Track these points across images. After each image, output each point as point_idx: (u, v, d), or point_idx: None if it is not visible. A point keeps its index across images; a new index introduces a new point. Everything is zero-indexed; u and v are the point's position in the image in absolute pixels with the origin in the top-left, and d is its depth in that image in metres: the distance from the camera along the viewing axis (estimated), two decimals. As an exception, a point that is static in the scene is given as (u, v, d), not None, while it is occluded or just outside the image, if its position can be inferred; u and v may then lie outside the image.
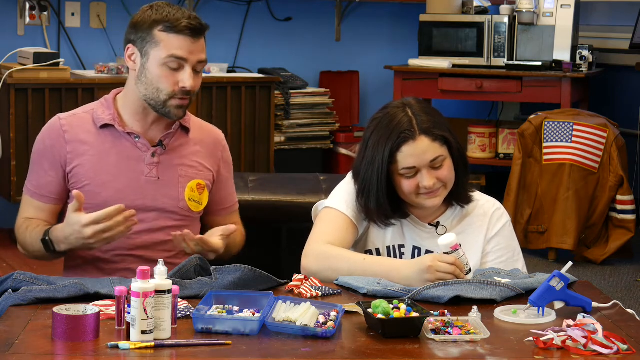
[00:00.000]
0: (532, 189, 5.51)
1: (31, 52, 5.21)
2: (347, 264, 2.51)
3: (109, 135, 2.66)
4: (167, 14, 2.60)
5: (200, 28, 2.62)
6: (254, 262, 2.47)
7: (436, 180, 2.54)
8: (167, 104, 2.61)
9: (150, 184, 2.66)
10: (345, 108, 6.47)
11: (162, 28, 2.59)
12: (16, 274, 2.35)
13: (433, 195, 2.56)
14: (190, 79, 2.59)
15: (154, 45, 2.59)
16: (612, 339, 2.04)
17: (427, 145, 2.52)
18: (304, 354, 1.98)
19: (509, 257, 2.67)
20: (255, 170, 5.78)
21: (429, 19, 6.24)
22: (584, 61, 5.97)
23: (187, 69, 2.59)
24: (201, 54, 2.62)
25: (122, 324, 2.07)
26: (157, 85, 2.60)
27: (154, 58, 2.59)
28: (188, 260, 2.45)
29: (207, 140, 2.77)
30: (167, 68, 2.59)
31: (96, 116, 2.68)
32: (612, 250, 5.46)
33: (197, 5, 6.11)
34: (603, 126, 5.42)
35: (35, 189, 2.68)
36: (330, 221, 2.62)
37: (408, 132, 2.51)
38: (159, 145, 2.68)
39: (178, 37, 2.58)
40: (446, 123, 2.59)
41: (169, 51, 2.57)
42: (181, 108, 2.63)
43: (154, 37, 2.59)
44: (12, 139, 5.12)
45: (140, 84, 2.63)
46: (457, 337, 2.07)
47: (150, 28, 2.60)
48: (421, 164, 2.52)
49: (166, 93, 2.60)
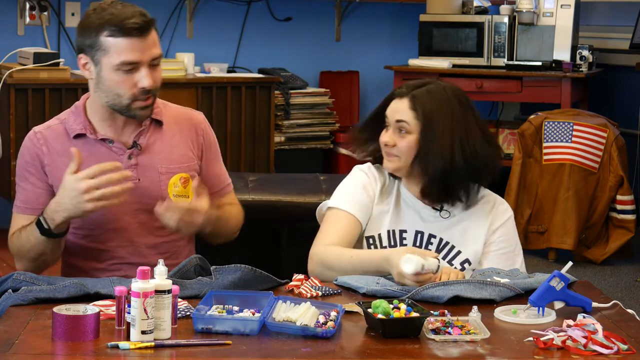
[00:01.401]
0: (532, 189, 5.51)
1: (31, 52, 5.21)
2: (338, 261, 2.55)
3: (84, 144, 2.61)
4: (110, 16, 2.52)
5: (146, 24, 2.53)
6: (254, 262, 2.47)
7: (392, 143, 2.61)
8: (130, 107, 2.56)
9: (132, 187, 2.59)
10: (345, 108, 6.47)
11: (107, 33, 2.51)
12: (16, 274, 2.35)
13: (387, 158, 2.65)
14: (148, 77, 2.53)
15: (104, 52, 2.52)
16: (612, 339, 2.04)
17: (403, 107, 2.62)
18: (304, 354, 1.98)
19: (510, 250, 2.68)
20: (255, 170, 5.78)
21: (429, 19, 6.24)
22: (584, 61, 5.97)
23: (142, 69, 2.53)
24: (153, 49, 2.55)
25: (122, 324, 2.07)
26: (116, 91, 2.55)
27: (106, 65, 2.53)
28: (188, 260, 2.45)
29: (184, 128, 2.71)
30: (122, 72, 2.53)
31: (68, 126, 2.64)
32: (612, 250, 5.46)
33: (197, 6, 6.11)
34: (603, 126, 5.42)
35: (25, 204, 2.64)
36: (333, 222, 2.65)
37: (403, 90, 2.65)
38: (133, 146, 2.63)
39: (125, 40, 2.51)
40: (444, 116, 2.58)
41: (120, 57, 2.51)
42: (146, 108, 2.58)
43: (102, 44, 2.52)
44: (12, 139, 5.12)
45: (100, 91, 2.58)
46: (457, 337, 2.07)
47: (96, 35, 2.52)
48: (391, 119, 2.64)
49: (127, 97, 2.55)
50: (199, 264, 2.45)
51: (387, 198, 2.68)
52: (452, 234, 2.66)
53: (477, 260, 2.65)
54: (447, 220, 2.66)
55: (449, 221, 2.66)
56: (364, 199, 2.67)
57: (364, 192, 2.67)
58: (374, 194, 2.68)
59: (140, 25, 2.51)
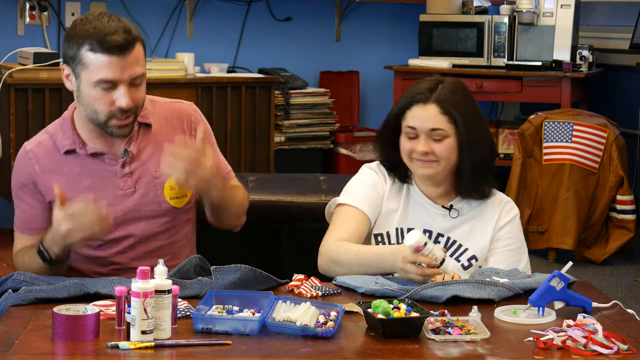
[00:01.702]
0: (532, 189, 5.51)
1: (31, 52, 5.21)
2: (346, 256, 2.55)
3: (76, 159, 2.58)
4: (93, 30, 2.44)
5: (127, 43, 2.44)
6: (254, 262, 2.47)
7: (430, 151, 2.57)
8: (107, 124, 2.51)
9: (128, 196, 2.59)
10: (345, 108, 6.47)
11: (88, 47, 2.44)
12: (16, 274, 2.35)
13: (424, 165, 2.60)
14: (125, 97, 2.46)
15: (83, 67, 2.46)
16: (612, 339, 2.04)
17: (433, 114, 2.57)
18: (304, 354, 1.98)
19: (517, 247, 2.69)
20: (255, 170, 5.78)
21: (429, 19, 6.24)
22: (584, 61, 5.97)
23: (120, 88, 2.46)
24: (135, 68, 2.47)
25: (122, 324, 2.07)
26: (94, 107, 2.49)
27: (85, 80, 2.47)
28: (188, 260, 2.45)
29: (175, 123, 2.67)
30: (100, 89, 2.46)
31: (58, 142, 2.59)
32: (612, 250, 5.46)
33: (197, 6, 6.11)
34: (603, 126, 5.42)
35: (24, 224, 2.62)
36: (342, 218, 2.66)
37: (422, 95, 2.59)
38: (125, 155, 2.59)
39: (105, 57, 2.43)
40: (470, 108, 2.62)
41: (98, 74, 2.44)
42: (124, 127, 2.52)
43: (82, 58, 2.45)
44: (12, 139, 5.12)
45: (79, 105, 2.54)
46: (457, 337, 2.07)
47: (78, 47, 2.45)
48: (421, 128, 2.58)
49: (104, 114, 2.49)
50: (199, 264, 2.45)
51: (396, 197, 2.69)
52: (459, 232, 2.66)
53: (483, 257, 2.66)
54: (456, 219, 2.67)
55: (457, 220, 2.67)
56: (374, 196, 2.67)
57: (374, 189, 2.68)
58: (383, 191, 2.68)
59: (121, 44, 2.43)
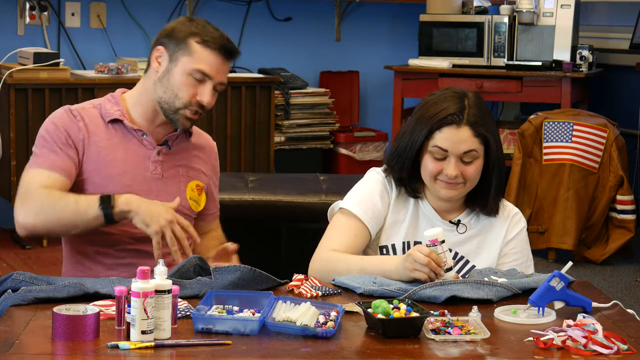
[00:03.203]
0: (532, 189, 5.51)
1: (31, 52, 5.22)
2: (345, 264, 2.53)
3: (117, 130, 2.69)
4: (207, 30, 2.65)
5: (233, 51, 2.68)
6: (254, 262, 2.47)
7: (459, 174, 2.55)
8: (179, 112, 2.65)
9: (155, 180, 2.69)
10: (345, 108, 6.47)
11: (199, 40, 2.63)
12: (15, 274, 2.34)
13: (450, 187, 2.57)
14: (210, 95, 2.64)
15: (186, 53, 2.63)
16: (612, 339, 2.04)
17: (467, 137, 2.54)
18: (304, 354, 1.98)
19: (523, 261, 2.69)
20: (255, 170, 5.78)
21: (429, 19, 6.24)
22: (584, 61, 5.97)
23: (208, 85, 2.64)
24: (225, 76, 2.69)
25: (122, 324, 2.07)
26: (177, 91, 2.64)
27: (182, 65, 2.63)
28: (187, 260, 2.45)
29: (205, 148, 2.82)
30: (192, 78, 2.63)
31: (104, 111, 2.70)
32: (612, 250, 5.46)
33: (197, 5, 6.12)
34: (603, 126, 5.42)
35: (47, 164, 2.60)
36: (341, 226, 2.63)
37: (455, 117, 2.53)
38: (164, 144, 2.71)
39: (211, 53, 2.63)
40: (494, 127, 2.61)
41: (199, 64, 2.62)
42: (190, 121, 2.67)
43: (189, 46, 2.63)
44: (12, 139, 5.13)
45: (160, 85, 2.66)
46: (457, 337, 2.07)
47: (186, 37, 2.64)
48: (453, 151, 2.54)
49: (183, 102, 2.63)
50: (199, 263, 2.45)
51: (402, 208, 2.65)
52: (467, 248, 2.64)
53: None
54: (463, 235, 2.65)
55: (465, 236, 2.65)
56: (378, 207, 2.63)
57: (380, 200, 2.64)
58: (389, 201, 2.65)
59: (229, 49, 2.66)
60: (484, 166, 2.58)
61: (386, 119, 6.48)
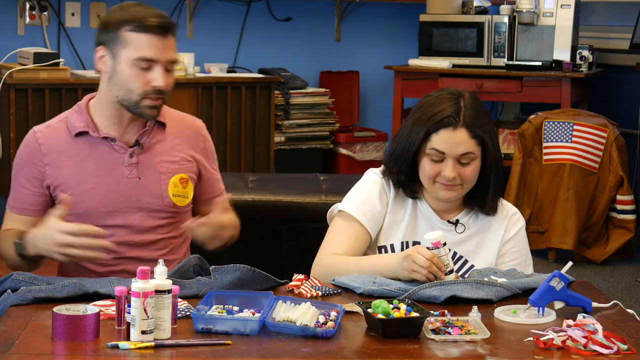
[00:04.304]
0: (532, 189, 5.51)
1: (31, 52, 5.21)
2: (344, 266, 2.53)
3: (85, 143, 2.64)
4: (135, 13, 2.59)
5: (168, 25, 2.61)
6: (254, 262, 2.47)
7: (457, 176, 2.55)
8: (140, 104, 2.59)
9: (132, 185, 2.64)
10: (345, 108, 6.47)
11: (130, 28, 2.57)
12: (15, 274, 2.35)
13: (448, 189, 2.57)
14: (162, 77, 2.57)
15: (123, 45, 2.57)
16: (612, 339, 2.04)
17: (464, 139, 2.53)
18: (304, 354, 1.98)
19: (522, 261, 2.69)
20: (255, 170, 5.78)
21: (429, 19, 6.24)
22: (584, 61, 5.97)
23: (157, 68, 2.57)
24: (171, 53, 2.61)
25: (122, 324, 2.07)
26: (129, 85, 2.58)
27: (124, 59, 2.57)
28: (187, 260, 2.45)
29: (186, 132, 2.75)
30: (138, 68, 2.57)
31: (70, 124, 2.66)
32: (612, 250, 5.46)
33: (197, 6, 6.11)
34: (603, 126, 5.42)
35: (16, 203, 2.68)
36: (340, 229, 2.63)
37: (452, 119, 2.53)
38: (135, 145, 2.66)
39: (146, 36, 2.57)
40: (491, 127, 2.60)
41: (139, 52, 2.56)
42: (155, 108, 2.61)
43: (123, 37, 2.57)
44: (12, 139, 5.12)
45: (112, 85, 2.61)
46: (457, 337, 2.07)
47: (118, 28, 2.58)
48: (450, 153, 2.53)
49: (138, 93, 2.58)
50: (198, 263, 2.45)
51: (400, 208, 2.65)
52: (465, 248, 2.64)
53: None
54: (462, 234, 2.65)
55: (463, 235, 2.65)
56: (377, 209, 2.63)
57: (379, 201, 2.64)
58: (387, 202, 2.65)
59: (161, 25, 2.59)
60: (482, 166, 2.58)
61: (386, 119, 6.48)
